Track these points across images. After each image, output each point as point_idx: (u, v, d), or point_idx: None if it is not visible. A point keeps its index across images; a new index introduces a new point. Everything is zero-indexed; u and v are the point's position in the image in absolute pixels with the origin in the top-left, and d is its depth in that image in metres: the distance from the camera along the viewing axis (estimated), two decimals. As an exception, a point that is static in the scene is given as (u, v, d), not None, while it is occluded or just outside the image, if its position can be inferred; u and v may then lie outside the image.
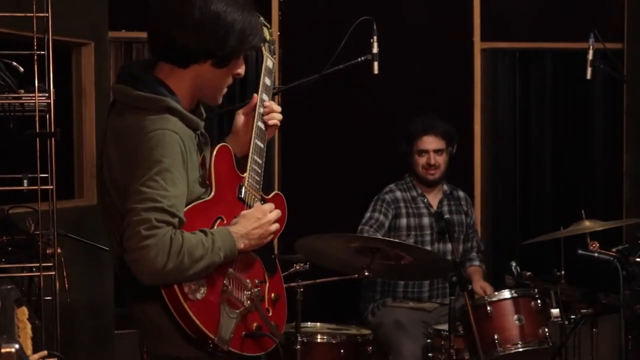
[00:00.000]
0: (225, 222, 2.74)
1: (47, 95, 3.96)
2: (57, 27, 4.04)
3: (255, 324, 2.77)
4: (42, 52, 3.96)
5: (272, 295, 2.88)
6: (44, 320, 3.96)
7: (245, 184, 2.85)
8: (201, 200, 2.69)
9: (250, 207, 2.84)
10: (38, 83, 3.92)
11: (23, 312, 2.24)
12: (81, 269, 4.41)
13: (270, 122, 2.99)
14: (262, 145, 2.95)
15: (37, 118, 3.94)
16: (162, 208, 2.51)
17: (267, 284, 2.87)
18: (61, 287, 4.02)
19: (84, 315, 4.72)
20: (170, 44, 2.70)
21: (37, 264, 3.90)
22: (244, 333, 2.74)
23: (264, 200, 2.93)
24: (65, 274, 4.02)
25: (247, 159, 2.89)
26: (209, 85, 2.78)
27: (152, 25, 2.75)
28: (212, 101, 2.84)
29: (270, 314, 2.86)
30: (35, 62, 3.94)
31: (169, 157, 2.56)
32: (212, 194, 2.73)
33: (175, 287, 2.57)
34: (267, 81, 3.03)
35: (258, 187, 2.90)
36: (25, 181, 4.00)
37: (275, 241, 5.32)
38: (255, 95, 2.99)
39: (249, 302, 2.75)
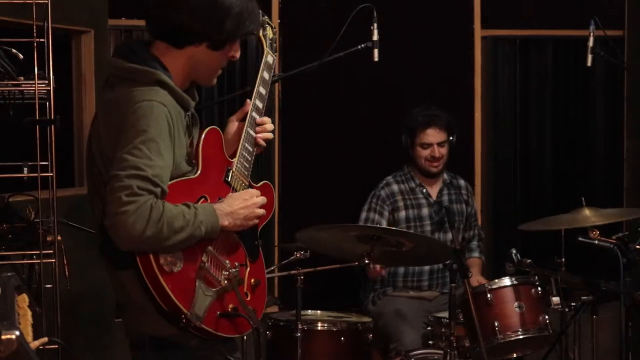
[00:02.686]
0: (208, 201, 2.75)
1: (46, 82, 3.96)
2: (56, 14, 4.03)
3: (231, 306, 2.77)
4: (41, 40, 3.96)
5: (252, 280, 2.90)
6: (44, 307, 3.97)
7: (234, 169, 2.87)
8: (186, 178, 2.70)
9: (236, 191, 2.85)
10: (38, 70, 3.92)
11: (24, 299, 2.24)
12: (81, 257, 4.40)
13: (260, 137, 3.00)
14: (253, 134, 2.98)
15: (36, 105, 3.94)
16: (145, 177, 2.52)
17: (248, 269, 2.89)
18: (61, 275, 4.02)
19: (85, 302, 4.72)
20: (167, 24, 2.72)
21: (38, 252, 3.91)
22: (218, 312, 2.74)
23: (251, 188, 2.94)
24: (65, 261, 4.02)
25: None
26: (203, 66, 2.80)
27: (149, 3, 2.76)
28: (206, 82, 2.87)
29: (248, 298, 2.87)
30: (35, 50, 3.93)
31: (154, 128, 2.57)
32: (198, 172, 2.74)
33: (151, 257, 2.57)
34: (266, 75, 3.05)
35: (247, 173, 2.92)
36: (25, 169, 4.00)
37: (275, 232, 5.38)
38: (248, 101, 3.00)
39: (226, 282, 2.75)
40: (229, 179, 2.84)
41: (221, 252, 2.77)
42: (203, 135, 2.79)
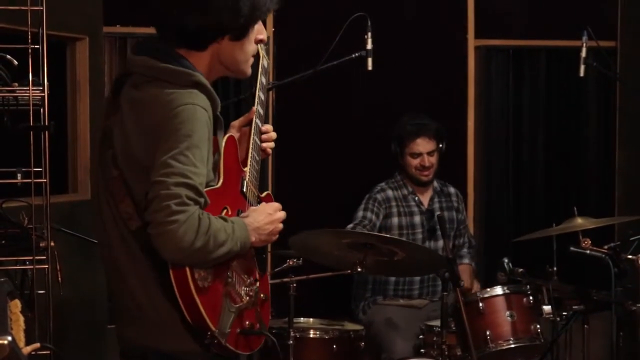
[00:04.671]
0: (229, 212, 2.64)
1: (41, 89, 3.97)
2: (51, 21, 4.04)
3: (248, 322, 2.69)
4: (36, 46, 3.97)
5: (262, 295, 2.81)
6: (37, 313, 3.97)
7: (247, 179, 2.79)
8: (210, 188, 2.58)
9: (249, 202, 2.77)
10: (32, 77, 3.93)
11: (16, 305, 2.24)
12: (74, 263, 4.41)
13: (264, 145, 2.94)
14: (259, 142, 2.91)
15: (31, 112, 3.94)
16: (193, 185, 2.42)
17: (258, 284, 2.81)
18: (54, 281, 4.02)
19: (77, 309, 4.72)
20: (183, 30, 2.60)
21: (31, 258, 3.90)
22: (238, 330, 2.65)
23: (259, 198, 2.88)
24: (58, 267, 4.02)
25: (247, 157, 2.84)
26: (233, 59, 2.70)
27: (159, 16, 2.65)
28: (241, 74, 2.76)
29: None
30: (30, 56, 3.94)
31: (198, 133, 2.46)
32: (221, 182, 2.64)
33: (187, 270, 2.46)
34: (264, 80, 2.99)
35: (256, 183, 2.85)
36: (19, 175, 4.00)
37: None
38: (253, 108, 2.91)
39: (247, 297, 2.67)
40: (244, 190, 2.76)
41: (241, 268, 2.68)
42: (224, 145, 2.67)
